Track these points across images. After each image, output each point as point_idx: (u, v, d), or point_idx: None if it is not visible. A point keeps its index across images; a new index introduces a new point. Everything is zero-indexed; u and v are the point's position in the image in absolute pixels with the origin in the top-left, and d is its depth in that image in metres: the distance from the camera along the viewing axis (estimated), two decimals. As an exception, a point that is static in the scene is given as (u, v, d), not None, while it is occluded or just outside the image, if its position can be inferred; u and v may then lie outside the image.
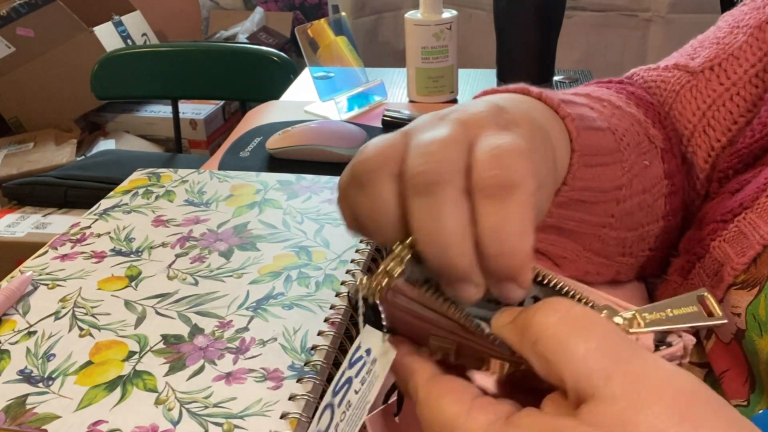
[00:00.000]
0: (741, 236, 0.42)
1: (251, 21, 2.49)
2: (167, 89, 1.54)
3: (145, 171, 0.66)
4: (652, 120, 0.51)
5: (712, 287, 0.43)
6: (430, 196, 0.26)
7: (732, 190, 0.47)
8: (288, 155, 0.80)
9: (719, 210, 0.45)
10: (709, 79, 0.50)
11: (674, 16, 2.01)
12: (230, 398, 0.39)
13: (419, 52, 0.94)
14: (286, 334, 0.43)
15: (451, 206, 0.26)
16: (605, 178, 0.43)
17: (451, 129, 0.28)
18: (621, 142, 0.45)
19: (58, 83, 2.15)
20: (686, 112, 0.52)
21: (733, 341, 0.42)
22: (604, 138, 0.43)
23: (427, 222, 0.26)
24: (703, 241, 0.45)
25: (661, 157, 0.49)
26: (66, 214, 1.50)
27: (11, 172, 1.94)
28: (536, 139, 0.31)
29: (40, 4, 2.12)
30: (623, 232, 0.47)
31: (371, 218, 0.28)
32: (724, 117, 0.49)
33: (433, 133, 0.28)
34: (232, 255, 0.52)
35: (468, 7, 2.10)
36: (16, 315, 0.46)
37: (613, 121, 0.46)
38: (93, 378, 0.40)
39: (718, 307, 0.28)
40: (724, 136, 0.49)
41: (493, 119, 0.29)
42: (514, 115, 0.30)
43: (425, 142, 0.27)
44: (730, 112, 0.49)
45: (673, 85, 0.53)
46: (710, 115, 0.50)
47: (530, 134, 0.30)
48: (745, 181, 0.46)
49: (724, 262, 0.42)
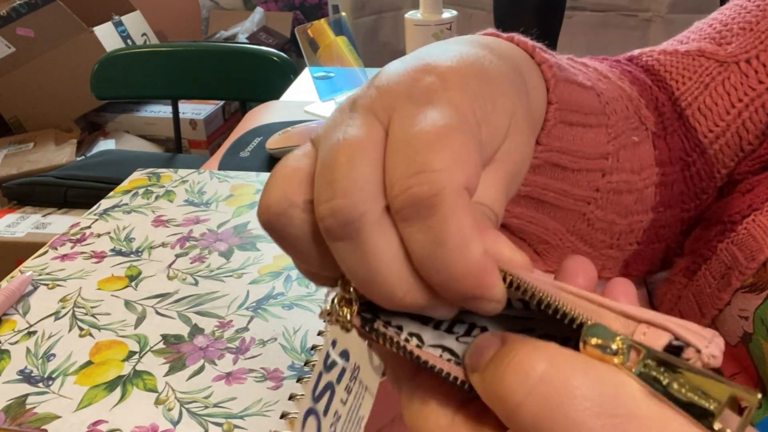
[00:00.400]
0: (750, 239, 0.41)
1: (251, 21, 2.50)
2: (167, 89, 1.54)
3: (145, 171, 0.66)
4: (646, 101, 0.45)
5: (719, 290, 0.42)
6: (349, 240, 0.22)
7: (743, 190, 0.45)
8: (288, 155, 0.80)
9: (727, 210, 0.44)
10: (746, 74, 0.45)
11: (674, 16, 2.01)
12: (230, 398, 0.39)
13: (419, 52, 0.94)
14: (286, 334, 0.43)
15: (376, 245, 0.22)
16: (587, 142, 0.38)
17: (357, 129, 0.23)
18: (607, 106, 0.39)
19: (58, 83, 2.15)
20: (717, 108, 0.46)
21: (739, 344, 0.41)
22: (587, 95, 0.37)
23: (356, 268, 0.22)
24: (710, 243, 0.44)
25: (652, 141, 0.44)
26: (66, 214, 1.50)
27: (11, 172, 1.94)
28: (484, 84, 0.25)
29: (40, 4, 2.12)
30: (610, 214, 0.42)
31: (297, 261, 0.25)
32: (761, 119, 0.44)
33: (338, 144, 0.23)
34: (232, 255, 0.52)
35: (468, 7, 2.10)
36: (16, 315, 0.46)
37: (599, 84, 0.41)
38: (93, 378, 0.40)
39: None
40: (758, 139, 0.45)
41: (407, 93, 0.24)
42: (440, 70, 0.25)
43: (329, 161, 0.23)
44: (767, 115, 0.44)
45: (701, 76, 0.46)
46: (746, 116, 0.45)
47: (464, 92, 0.24)
48: (757, 182, 0.44)
49: (731, 265, 0.42)
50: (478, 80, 0.26)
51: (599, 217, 0.42)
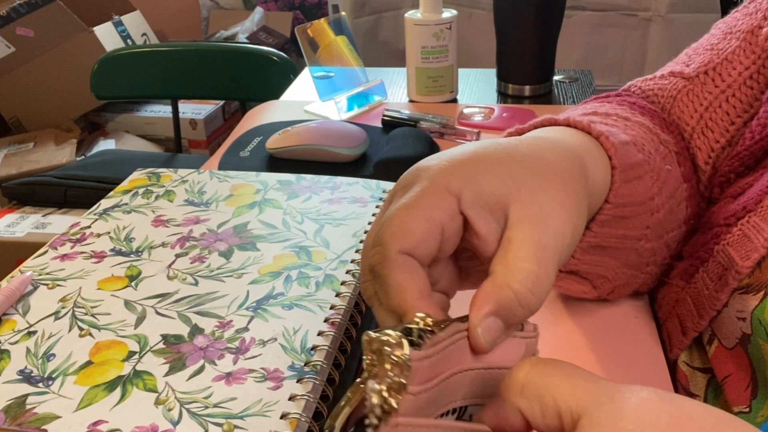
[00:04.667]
0: (745, 240, 0.42)
1: (251, 21, 2.50)
2: (167, 89, 1.54)
3: (145, 171, 0.66)
4: (660, 126, 0.51)
5: (717, 291, 0.43)
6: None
7: (734, 194, 0.46)
8: (288, 155, 0.80)
9: (722, 214, 0.45)
10: (704, 83, 0.51)
11: (674, 16, 2.01)
12: (230, 398, 0.39)
13: (419, 51, 0.94)
14: (286, 334, 0.43)
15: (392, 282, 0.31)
16: (640, 191, 0.43)
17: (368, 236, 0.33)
18: (643, 151, 0.45)
19: (58, 83, 2.15)
20: (684, 115, 0.52)
21: (737, 346, 0.42)
22: (632, 150, 0.44)
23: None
24: (706, 245, 0.45)
25: (677, 161, 0.49)
26: (66, 214, 1.50)
27: (11, 172, 1.94)
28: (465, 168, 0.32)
29: (40, 4, 2.12)
30: (656, 242, 0.47)
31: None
32: (721, 118, 0.50)
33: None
34: (232, 255, 0.52)
35: (468, 6, 2.10)
36: (16, 315, 0.46)
37: (630, 132, 0.46)
38: (93, 378, 0.40)
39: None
40: (723, 137, 0.50)
41: (393, 195, 0.33)
42: (427, 171, 0.32)
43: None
44: (726, 113, 0.50)
45: (670, 91, 0.54)
46: (707, 116, 0.51)
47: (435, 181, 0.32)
48: (747, 185, 0.46)
49: (728, 266, 0.42)
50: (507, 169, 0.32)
51: (647, 247, 0.47)
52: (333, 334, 0.43)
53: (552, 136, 0.39)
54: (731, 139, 0.50)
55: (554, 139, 0.37)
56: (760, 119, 0.46)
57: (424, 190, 0.31)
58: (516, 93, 1.00)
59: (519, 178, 0.31)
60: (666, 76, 0.55)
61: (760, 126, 0.45)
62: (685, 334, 0.46)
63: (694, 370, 0.46)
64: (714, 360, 0.44)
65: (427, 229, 0.30)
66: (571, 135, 0.40)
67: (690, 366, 0.47)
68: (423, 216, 0.31)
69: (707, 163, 0.51)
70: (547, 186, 0.32)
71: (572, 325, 0.51)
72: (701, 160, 0.51)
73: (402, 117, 0.88)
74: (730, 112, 0.50)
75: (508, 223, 0.30)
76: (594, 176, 0.38)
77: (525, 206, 0.31)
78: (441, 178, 0.31)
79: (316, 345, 0.42)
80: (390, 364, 0.25)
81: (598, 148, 0.40)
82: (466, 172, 0.31)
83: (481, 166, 0.32)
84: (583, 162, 0.36)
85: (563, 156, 0.34)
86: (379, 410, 0.25)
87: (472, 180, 0.31)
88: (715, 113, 0.50)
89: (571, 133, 0.40)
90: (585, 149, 0.39)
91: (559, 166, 0.33)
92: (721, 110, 0.50)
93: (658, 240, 0.47)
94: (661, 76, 0.56)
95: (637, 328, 0.51)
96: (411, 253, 0.31)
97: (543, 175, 0.32)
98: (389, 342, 0.26)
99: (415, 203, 0.31)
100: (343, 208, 0.58)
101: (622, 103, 0.53)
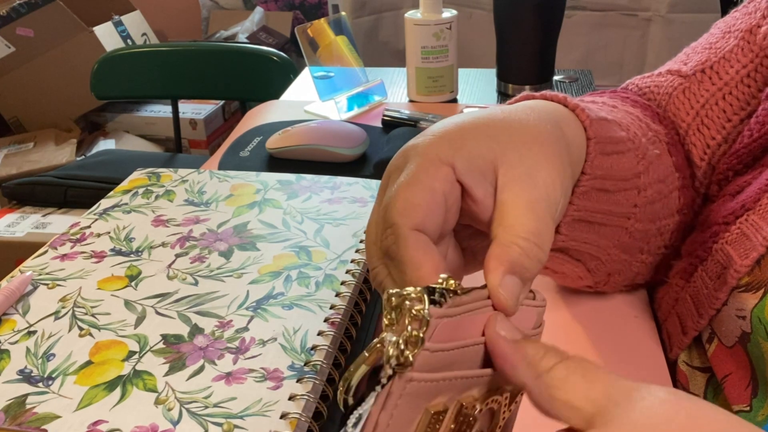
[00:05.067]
0: (744, 238, 0.42)
1: (251, 21, 2.50)
2: (167, 89, 1.54)
3: (145, 171, 0.66)
4: (651, 117, 0.52)
5: (716, 290, 0.43)
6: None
7: (732, 192, 0.46)
8: (288, 155, 0.80)
9: (721, 212, 0.45)
10: (701, 81, 0.52)
11: (674, 16, 2.01)
12: (230, 398, 0.39)
13: (419, 51, 0.94)
14: (286, 334, 0.43)
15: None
16: (623, 166, 0.44)
17: (369, 224, 0.34)
18: (628, 131, 0.46)
19: (58, 83, 2.15)
20: (680, 112, 0.53)
21: (737, 345, 0.42)
22: (613, 127, 0.44)
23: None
24: (705, 244, 0.45)
25: (668, 150, 0.50)
26: (66, 214, 1.50)
27: (11, 172, 1.94)
28: (455, 138, 0.33)
29: (40, 4, 2.12)
30: (647, 224, 0.47)
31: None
32: (718, 115, 0.51)
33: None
34: (232, 255, 0.52)
35: (468, 6, 2.10)
36: (16, 315, 0.46)
37: (615, 114, 0.47)
38: (93, 378, 0.40)
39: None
40: (719, 134, 0.51)
41: (388, 178, 0.34)
42: (415, 149, 0.33)
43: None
44: (723, 111, 0.50)
45: (666, 89, 0.54)
46: (704, 113, 0.51)
47: (426, 154, 0.32)
48: (746, 183, 0.46)
49: (727, 264, 0.42)
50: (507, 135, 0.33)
51: (638, 228, 0.47)
52: (333, 334, 0.43)
53: (529, 104, 0.40)
54: (727, 137, 0.50)
55: (532, 105, 0.38)
56: (759, 117, 0.46)
57: (419, 165, 0.32)
58: (516, 93, 0.99)
59: (503, 141, 0.33)
60: (663, 74, 0.56)
61: (759, 124, 0.45)
62: (685, 334, 0.46)
63: (694, 369, 0.46)
64: (714, 359, 0.44)
65: (432, 200, 0.31)
66: (547, 105, 0.41)
67: (689, 365, 0.47)
68: (425, 188, 0.31)
69: (702, 159, 0.51)
70: (530, 145, 0.33)
71: (572, 325, 0.51)
72: (696, 157, 0.51)
73: (402, 117, 0.88)
74: (726, 110, 0.50)
75: (498, 185, 0.32)
76: (571, 141, 0.39)
77: (512, 167, 0.32)
78: (432, 151, 0.32)
79: (316, 345, 0.42)
80: (409, 318, 0.25)
81: (574, 119, 0.41)
82: (454, 142, 0.32)
83: (466, 134, 0.33)
84: (561, 127, 0.37)
85: (542, 119, 0.36)
86: (394, 361, 0.24)
87: (461, 148, 0.32)
88: (711, 110, 0.51)
89: (546, 104, 0.41)
90: (561, 117, 0.39)
91: (539, 128, 0.35)
92: (718, 108, 0.51)
93: (650, 224, 0.48)
94: (658, 74, 0.56)
95: (637, 327, 0.51)
96: (421, 228, 0.31)
97: (525, 136, 0.33)
98: (410, 296, 0.26)
99: (414, 178, 0.31)
100: (343, 208, 0.58)
101: (614, 97, 0.54)
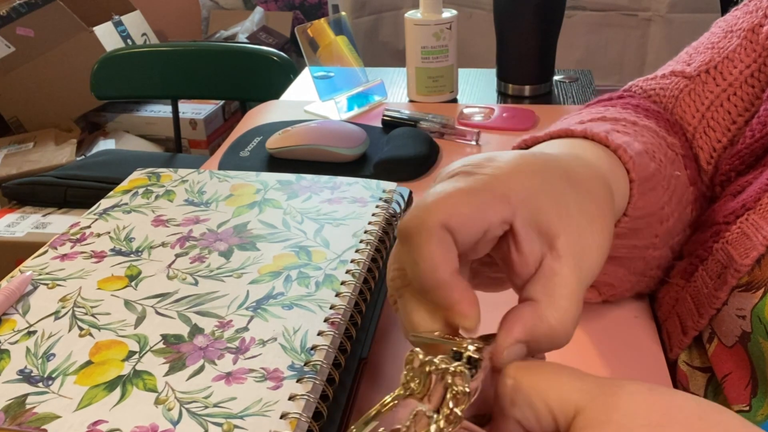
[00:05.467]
0: (744, 238, 0.42)
1: (251, 21, 2.50)
2: (167, 89, 1.54)
3: (145, 171, 0.66)
4: (665, 128, 0.51)
5: (716, 290, 0.43)
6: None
7: (734, 192, 0.46)
8: (288, 155, 0.80)
9: (721, 212, 0.45)
10: (705, 82, 0.52)
11: (674, 16, 2.02)
12: (230, 398, 0.39)
13: (419, 51, 0.94)
14: (286, 334, 0.43)
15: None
16: (653, 201, 0.43)
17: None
18: (655, 159, 0.45)
19: (58, 83, 2.15)
20: (686, 115, 0.52)
21: (737, 344, 0.42)
22: (646, 161, 0.43)
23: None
24: (705, 244, 0.45)
25: (683, 164, 0.49)
26: (66, 214, 1.50)
27: (11, 172, 1.94)
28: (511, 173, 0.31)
29: (40, 4, 2.12)
30: (664, 250, 0.47)
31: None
32: (723, 117, 0.50)
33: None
34: (232, 255, 0.52)
35: (468, 6, 2.10)
36: (15, 315, 0.46)
37: (641, 138, 0.46)
38: (93, 378, 0.40)
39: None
40: (725, 136, 0.50)
41: (446, 177, 0.32)
42: (496, 169, 0.31)
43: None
44: (728, 112, 0.50)
45: (672, 91, 0.54)
46: (709, 116, 0.51)
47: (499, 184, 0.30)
48: (747, 183, 0.46)
49: (727, 264, 0.42)
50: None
51: (655, 255, 0.47)
52: (333, 334, 0.43)
53: (578, 152, 0.39)
54: (733, 139, 0.50)
55: (584, 159, 0.37)
56: (761, 117, 0.46)
57: (486, 187, 0.30)
58: (516, 93, 1.00)
59: (572, 210, 0.31)
60: (667, 75, 0.55)
61: (761, 124, 0.45)
62: (685, 333, 0.46)
63: (694, 369, 0.46)
64: (714, 359, 0.44)
65: (476, 221, 0.29)
66: (592, 150, 0.40)
67: (690, 365, 0.47)
68: (477, 207, 0.29)
69: (709, 163, 0.51)
70: (591, 220, 0.32)
71: (572, 325, 0.51)
72: (703, 161, 0.51)
73: (402, 117, 0.88)
74: (731, 111, 0.50)
75: (554, 252, 0.30)
76: (615, 191, 0.38)
77: (573, 241, 0.30)
78: (505, 185, 0.31)
79: (316, 345, 0.42)
80: (450, 394, 0.25)
81: (616, 162, 0.40)
82: (529, 189, 0.31)
83: (543, 186, 0.31)
84: (609, 185, 0.36)
85: (598, 182, 0.34)
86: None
87: (532, 199, 0.31)
88: (716, 112, 0.51)
89: (590, 147, 0.40)
90: (608, 169, 0.39)
91: (598, 195, 0.33)
92: (723, 109, 0.50)
93: (665, 247, 0.48)
94: (662, 76, 0.56)
95: (637, 328, 0.51)
96: (452, 232, 0.29)
97: (589, 208, 0.32)
98: (445, 369, 0.26)
99: (474, 193, 0.30)
100: (343, 208, 0.58)
101: (626, 106, 0.53)
